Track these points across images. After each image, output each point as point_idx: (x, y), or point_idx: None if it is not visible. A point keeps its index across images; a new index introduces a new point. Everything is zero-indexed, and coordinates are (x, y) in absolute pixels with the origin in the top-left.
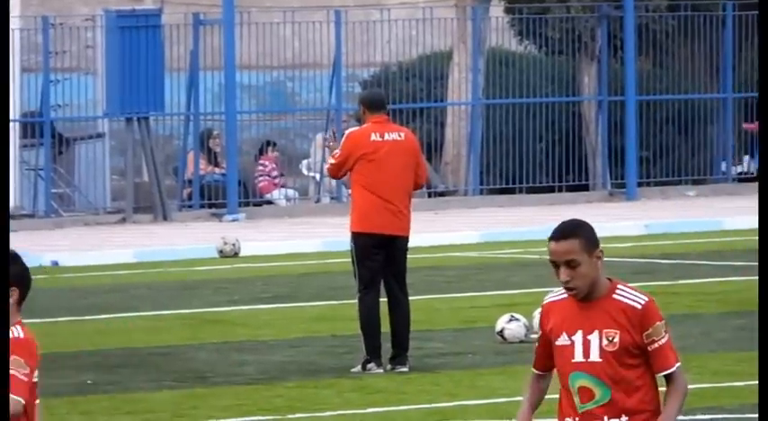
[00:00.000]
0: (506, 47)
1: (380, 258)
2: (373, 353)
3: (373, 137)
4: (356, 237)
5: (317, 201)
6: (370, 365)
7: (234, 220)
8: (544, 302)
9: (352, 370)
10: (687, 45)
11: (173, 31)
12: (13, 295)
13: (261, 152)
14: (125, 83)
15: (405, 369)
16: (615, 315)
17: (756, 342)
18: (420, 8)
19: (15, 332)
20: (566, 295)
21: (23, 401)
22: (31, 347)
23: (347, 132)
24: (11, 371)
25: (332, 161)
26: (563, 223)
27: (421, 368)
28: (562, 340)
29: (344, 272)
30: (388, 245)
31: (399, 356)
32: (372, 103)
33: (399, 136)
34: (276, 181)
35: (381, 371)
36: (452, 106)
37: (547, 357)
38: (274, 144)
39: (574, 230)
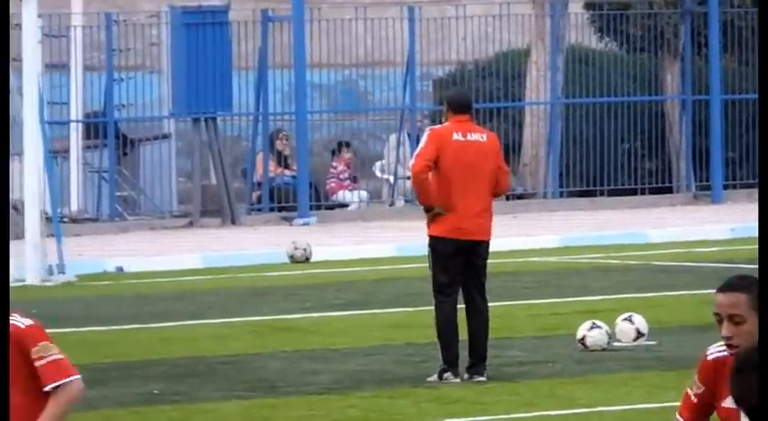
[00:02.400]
0: (586, 44)
1: (459, 264)
2: (450, 363)
3: (455, 136)
4: (434, 241)
5: (391, 204)
6: (446, 375)
7: (305, 224)
8: (709, 357)
9: (429, 379)
10: None
11: (240, 27)
12: None
13: (333, 153)
14: (191, 82)
15: (482, 378)
16: None
17: None
18: (496, 4)
19: (20, 322)
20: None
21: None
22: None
23: (428, 129)
24: (57, 356)
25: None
26: (735, 275)
27: (499, 377)
28: (729, 403)
29: (420, 277)
30: (467, 250)
31: (477, 365)
32: (459, 104)
33: (482, 137)
34: (345, 183)
35: (458, 380)
36: (530, 106)
37: (701, 414)
38: (347, 145)
39: (744, 284)
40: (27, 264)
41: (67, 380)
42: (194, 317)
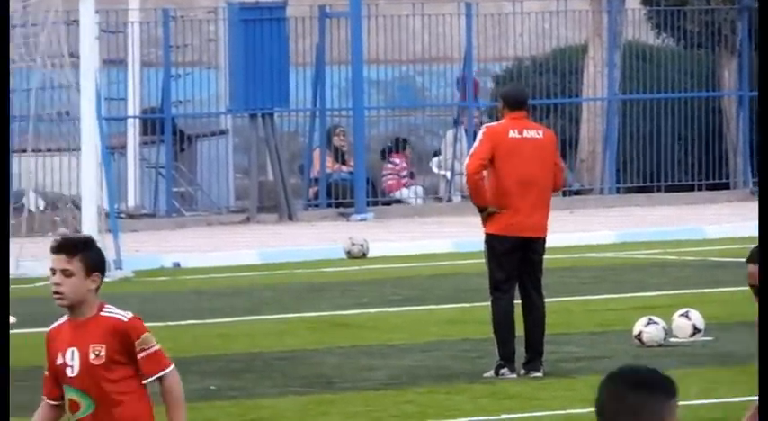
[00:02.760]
0: (643, 40)
1: (515, 260)
2: (507, 358)
3: (512, 133)
4: (491, 238)
5: (448, 199)
6: (503, 370)
7: (362, 220)
8: None
9: (485, 374)
10: None
11: (298, 24)
12: (96, 282)
13: (390, 149)
14: (248, 78)
15: (539, 374)
16: None
17: None
18: (554, 0)
19: (122, 315)
20: None
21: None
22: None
23: (484, 126)
24: (156, 347)
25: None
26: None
27: (556, 373)
28: None
29: (477, 273)
30: (523, 246)
31: (533, 361)
32: (515, 100)
33: (538, 133)
34: (404, 181)
35: (515, 376)
36: (587, 102)
37: None
38: (405, 141)
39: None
40: None
41: (166, 371)
42: (251, 313)
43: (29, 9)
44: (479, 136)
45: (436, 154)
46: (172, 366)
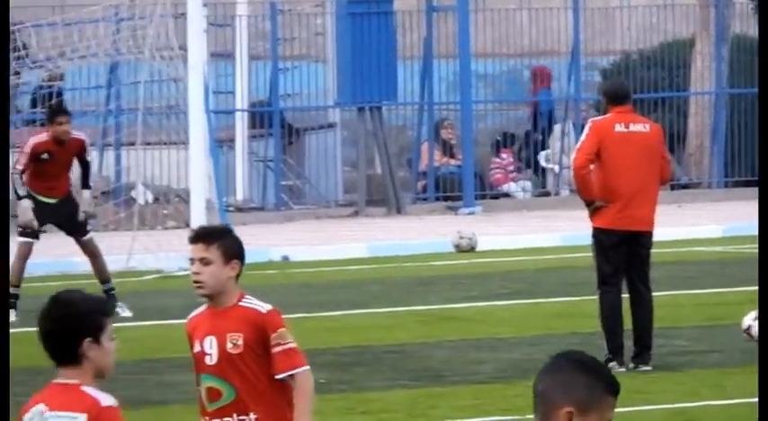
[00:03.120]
0: (751, 33)
1: (623, 254)
2: (615, 352)
3: (618, 127)
4: (598, 232)
5: (556, 193)
6: (611, 364)
7: (470, 214)
8: None
9: None
10: None
11: (405, 17)
12: (236, 269)
13: (498, 144)
14: (356, 71)
15: (647, 368)
16: None
17: None
18: None
19: (261, 306)
20: None
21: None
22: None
23: (590, 121)
24: (291, 344)
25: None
26: None
27: (664, 366)
28: None
29: (585, 267)
30: (631, 241)
31: (642, 354)
32: (615, 95)
33: (645, 127)
34: (511, 175)
35: (623, 369)
36: (695, 96)
37: None
38: (513, 136)
39: None
40: None
41: (300, 370)
42: (360, 307)
43: (137, 2)
44: (586, 130)
45: (543, 148)
46: (306, 367)
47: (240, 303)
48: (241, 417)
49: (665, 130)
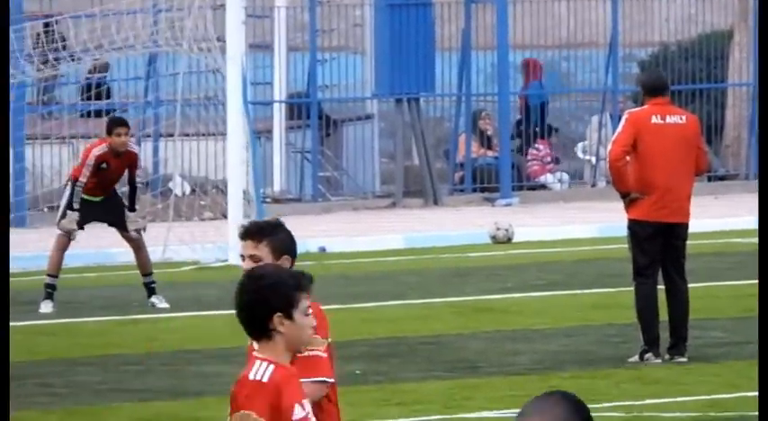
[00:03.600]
0: None
1: (658, 245)
2: (651, 343)
3: (654, 119)
4: (633, 224)
5: (593, 185)
6: (647, 355)
7: (507, 205)
8: None
9: (630, 359)
10: None
11: (444, 9)
12: (287, 264)
13: (536, 135)
14: (394, 62)
15: (683, 359)
16: None
17: None
18: None
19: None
20: None
21: (330, 380)
22: (323, 321)
23: (627, 113)
24: (318, 353)
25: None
26: None
27: (700, 358)
28: None
29: (621, 258)
30: (666, 232)
31: (677, 346)
32: (653, 87)
33: (681, 119)
34: (548, 167)
35: (659, 361)
36: (733, 87)
37: None
38: (556, 130)
39: None
40: (229, 245)
41: (315, 379)
42: (396, 298)
43: None
44: (622, 122)
45: (582, 139)
46: (322, 378)
47: None
48: None
49: (703, 122)
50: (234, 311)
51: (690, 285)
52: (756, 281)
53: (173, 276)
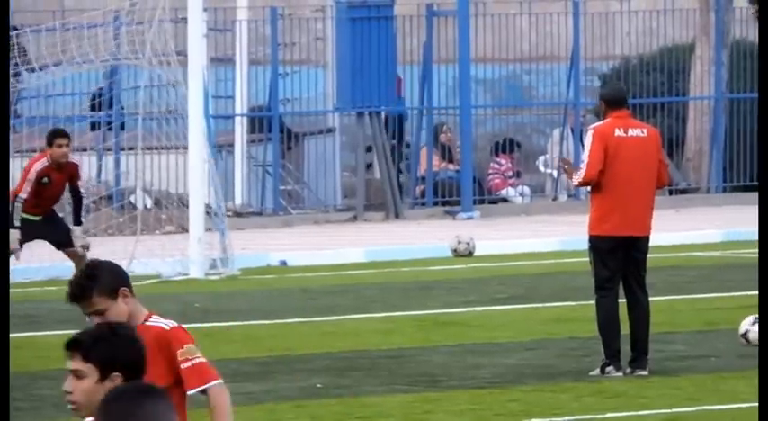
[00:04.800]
0: (751, 39)
1: (620, 259)
2: (612, 357)
3: (617, 132)
4: (595, 239)
5: (555, 198)
6: (609, 369)
7: (468, 218)
8: None
9: (591, 373)
10: None
11: (405, 22)
12: (126, 295)
13: (497, 149)
14: (356, 76)
15: (644, 372)
16: None
17: None
18: None
19: (164, 323)
20: None
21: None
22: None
23: (591, 128)
24: (200, 359)
25: (578, 178)
26: None
27: (662, 371)
28: None
29: (583, 271)
30: (627, 245)
31: (639, 359)
32: (614, 100)
33: (642, 132)
34: (510, 181)
35: (621, 374)
36: (694, 101)
37: None
38: (518, 144)
39: None
40: (191, 258)
41: (212, 383)
42: (357, 311)
43: (136, 7)
44: (589, 138)
45: (543, 153)
46: (219, 380)
47: (147, 322)
48: None
49: (664, 135)
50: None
51: (651, 299)
52: (718, 294)
53: (135, 290)
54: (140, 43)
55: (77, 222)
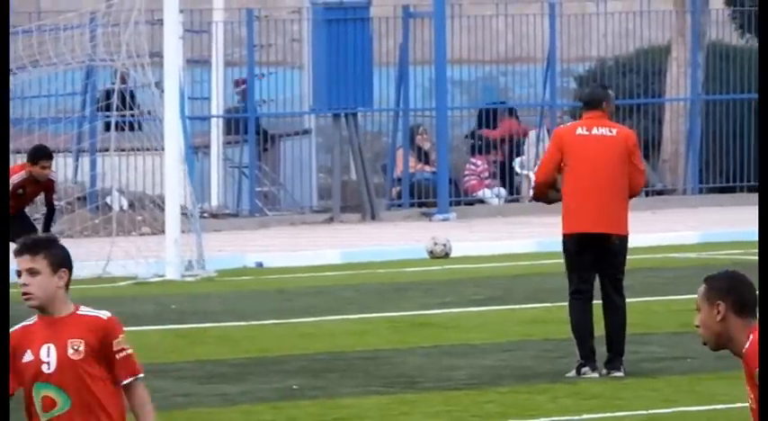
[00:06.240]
0: (727, 41)
1: (590, 259)
2: (587, 358)
3: (579, 131)
4: (564, 238)
5: (531, 200)
6: (584, 370)
7: (445, 220)
8: None
9: (567, 374)
10: None
11: (381, 23)
12: (64, 278)
13: (474, 150)
14: (332, 78)
15: (620, 374)
16: None
17: None
18: (637, 0)
19: (100, 313)
20: None
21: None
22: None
23: (554, 129)
24: (130, 350)
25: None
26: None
27: (638, 373)
28: None
29: (559, 273)
30: (595, 244)
31: (614, 361)
32: (586, 101)
33: (610, 131)
34: (485, 182)
35: (597, 375)
36: (670, 102)
37: None
38: (495, 147)
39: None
40: (167, 260)
41: (140, 376)
42: (333, 313)
43: (113, 9)
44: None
45: (519, 154)
46: (142, 374)
47: (78, 312)
48: None
49: (640, 137)
50: (172, 327)
51: (627, 300)
52: (695, 295)
53: (111, 291)
54: (115, 45)
55: (47, 231)
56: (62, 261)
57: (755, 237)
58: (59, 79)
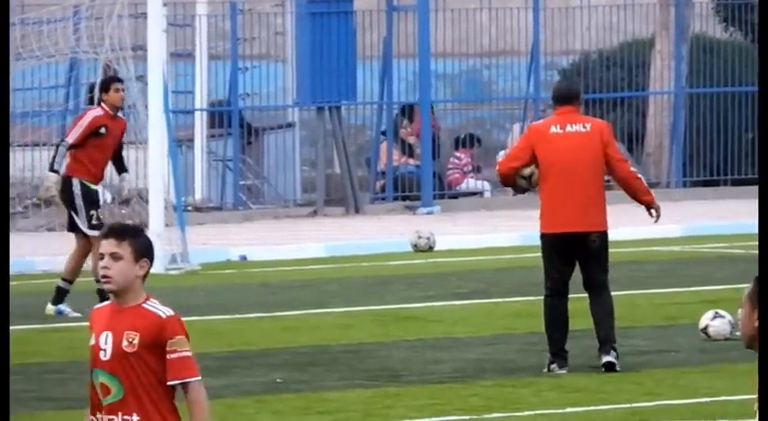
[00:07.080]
0: (711, 34)
1: (567, 259)
2: (556, 354)
3: (553, 129)
4: (541, 236)
5: (515, 193)
6: (553, 366)
7: (428, 213)
8: None
9: (545, 370)
10: None
11: (365, 17)
12: (144, 268)
13: (458, 144)
14: (316, 71)
15: (611, 358)
16: None
17: None
18: None
19: (162, 310)
20: None
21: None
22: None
23: (528, 125)
24: (187, 353)
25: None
26: None
27: (622, 366)
28: None
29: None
30: (575, 242)
31: (604, 346)
32: (557, 96)
33: (584, 127)
34: (469, 175)
35: (564, 371)
36: (654, 95)
37: None
38: (479, 140)
39: None
40: None
41: (193, 380)
42: (317, 306)
43: (96, 2)
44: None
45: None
46: (199, 377)
47: (143, 305)
48: (125, 417)
49: (624, 130)
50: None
51: (612, 293)
52: (678, 289)
53: (88, 285)
54: (98, 38)
55: (125, 169)
56: (145, 251)
57: (739, 231)
58: (43, 72)
